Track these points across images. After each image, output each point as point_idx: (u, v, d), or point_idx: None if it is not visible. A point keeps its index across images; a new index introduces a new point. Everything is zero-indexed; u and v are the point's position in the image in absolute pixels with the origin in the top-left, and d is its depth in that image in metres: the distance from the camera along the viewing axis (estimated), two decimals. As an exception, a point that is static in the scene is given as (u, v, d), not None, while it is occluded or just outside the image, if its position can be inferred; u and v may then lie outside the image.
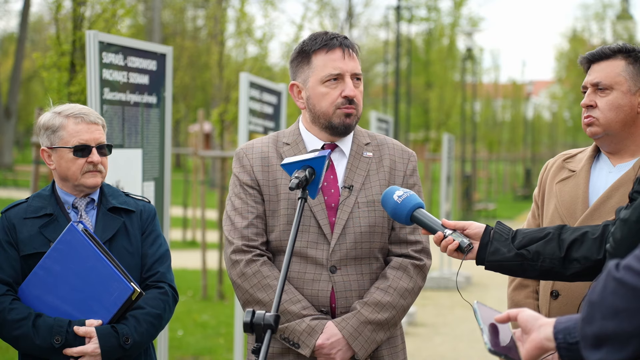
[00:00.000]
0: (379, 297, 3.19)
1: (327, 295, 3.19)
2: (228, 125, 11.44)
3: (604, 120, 3.18)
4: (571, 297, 3.19)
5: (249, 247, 3.20)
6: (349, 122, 3.22)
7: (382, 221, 3.23)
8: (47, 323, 3.17)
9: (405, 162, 3.32)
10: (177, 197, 20.28)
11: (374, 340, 3.19)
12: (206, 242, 11.75)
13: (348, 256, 3.20)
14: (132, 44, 4.82)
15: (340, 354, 3.15)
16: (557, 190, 3.31)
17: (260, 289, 3.17)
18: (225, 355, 8.14)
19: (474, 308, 2.30)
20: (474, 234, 2.88)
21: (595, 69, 3.21)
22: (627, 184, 3.14)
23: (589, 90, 3.22)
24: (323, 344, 3.13)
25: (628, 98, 3.16)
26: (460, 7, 31.39)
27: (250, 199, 3.25)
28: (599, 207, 3.16)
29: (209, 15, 14.45)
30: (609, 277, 1.81)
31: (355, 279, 3.21)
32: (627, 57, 3.18)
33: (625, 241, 2.56)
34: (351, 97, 3.20)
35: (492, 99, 40.85)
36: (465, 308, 11.18)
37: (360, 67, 3.29)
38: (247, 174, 3.27)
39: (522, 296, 3.40)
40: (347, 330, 3.15)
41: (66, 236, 3.18)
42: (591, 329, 1.82)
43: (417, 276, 3.27)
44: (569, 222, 3.20)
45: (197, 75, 31.80)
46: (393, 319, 3.22)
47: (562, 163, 3.39)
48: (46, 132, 3.32)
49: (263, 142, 3.34)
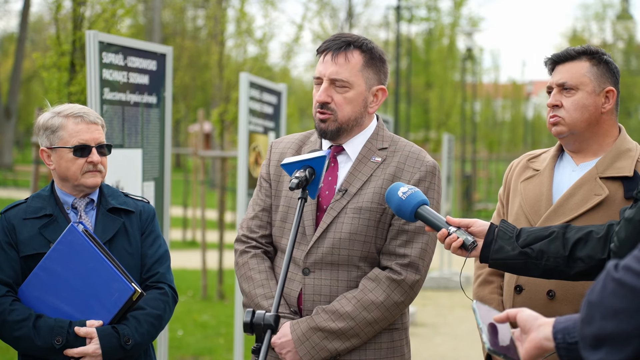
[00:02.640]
0: (338, 306, 3.11)
1: (296, 296, 3.17)
2: (228, 125, 11.44)
3: (570, 120, 3.23)
4: (534, 291, 3.22)
5: (248, 238, 3.27)
6: (323, 127, 3.17)
7: (365, 229, 3.13)
8: (48, 324, 3.16)
9: (412, 172, 3.18)
10: (177, 197, 20.28)
11: (324, 348, 3.10)
12: (206, 242, 11.75)
13: (323, 260, 3.14)
14: (132, 44, 4.81)
15: (290, 355, 3.13)
16: (521, 188, 3.36)
17: (245, 279, 3.23)
18: (225, 355, 8.14)
19: (473, 308, 2.30)
20: (478, 232, 2.88)
21: (560, 69, 3.27)
22: (589, 182, 3.19)
23: (554, 90, 3.28)
24: (275, 342, 3.13)
25: (593, 98, 3.22)
26: (460, 7, 31.43)
27: (263, 191, 3.32)
28: (562, 204, 3.21)
29: (209, 15, 14.44)
30: (608, 278, 1.81)
31: (327, 284, 3.15)
32: (591, 59, 3.24)
33: (629, 240, 2.57)
34: (319, 101, 3.15)
35: (492, 99, 40.85)
36: (465, 308, 11.18)
37: (351, 73, 3.13)
38: (265, 167, 3.34)
39: (486, 292, 3.43)
40: (296, 334, 3.12)
41: (66, 237, 3.18)
42: (590, 329, 1.82)
43: (392, 291, 3.11)
44: (533, 219, 3.25)
45: (197, 75, 31.79)
46: (351, 330, 3.10)
47: (526, 163, 3.44)
48: (45, 132, 3.32)
49: (291, 139, 3.36)
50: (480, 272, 3.48)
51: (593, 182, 3.18)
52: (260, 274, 3.21)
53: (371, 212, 3.14)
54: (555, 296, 3.17)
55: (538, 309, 3.12)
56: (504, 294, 3.37)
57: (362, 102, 3.19)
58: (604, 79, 3.24)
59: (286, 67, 20.52)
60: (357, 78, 3.15)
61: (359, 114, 3.19)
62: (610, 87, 3.24)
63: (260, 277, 3.21)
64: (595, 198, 3.15)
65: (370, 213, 3.14)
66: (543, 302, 3.19)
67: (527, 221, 3.27)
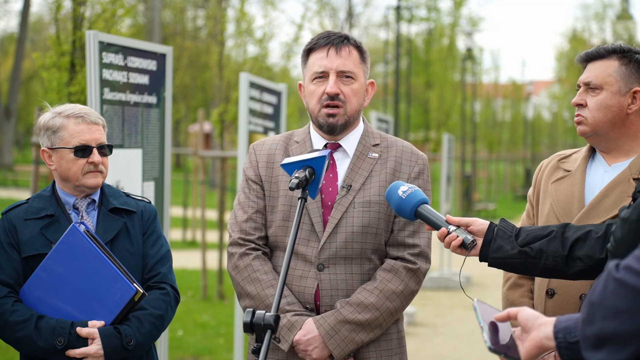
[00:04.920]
0: (361, 298, 3.17)
1: (312, 293, 3.20)
2: (228, 125, 11.44)
3: (592, 120, 3.19)
4: (567, 295, 3.19)
5: (245, 240, 3.27)
6: (332, 122, 3.21)
7: (376, 222, 3.21)
8: (50, 324, 3.16)
9: (411, 165, 3.28)
10: (177, 197, 20.28)
11: (352, 341, 3.16)
12: (206, 242, 11.75)
13: (337, 255, 3.19)
14: (132, 44, 4.81)
15: (317, 351, 3.15)
16: (552, 190, 3.32)
17: (249, 282, 3.22)
18: (225, 355, 8.14)
19: (474, 306, 2.30)
20: (478, 231, 2.88)
21: (589, 68, 3.23)
22: (623, 183, 3.15)
23: (581, 89, 3.24)
24: (299, 340, 3.15)
25: (617, 99, 3.16)
26: (460, 7, 31.42)
27: (253, 193, 3.31)
28: (595, 206, 3.17)
29: (209, 15, 14.45)
30: (609, 278, 1.81)
31: (343, 279, 3.20)
32: (621, 58, 3.18)
33: (625, 240, 2.57)
34: (331, 93, 3.17)
35: (492, 99, 40.86)
36: (465, 308, 11.18)
37: (354, 65, 3.22)
38: (252, 170, 3.33)
39: (517, 295, 3.40)
40: (323, 328, 3.14)
41: (68, 237, 3.17)
42: (592, 329, 1.82)
43: (410, 279, 3.21)
44: (565, 221, 3.20)
45: (197, 75, 31.78)
46: (376, 321, 3.18)
47: (557, 163, 3.39)
48: (46, 133, 3.32)
49: (274, 140, 3.38)
50: (509, 275, 3.43)
51: (627, 184, 3.13)
52: (266, 274, 3.22)
53: (380, 204, 3.21)
54: None
55: (570, 313, 3.10)
56: (535, 298, 3.34)
57: (363, 95, 3.28)
58: (632, 79, 3.16)
59: (286, 67, 20.48)
60: (359, 70, 3.25)
61: (361, 107, 3.28)
62: (637, 88, 3.17)
63: (267, 278, 3.22)
64: (629, 200, 3.08)
65: (379, 206, 3.21)
66: (576, 306, 3.15)
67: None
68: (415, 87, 35.44)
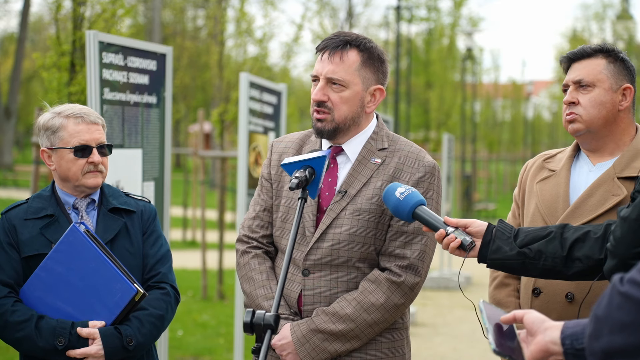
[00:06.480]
0: (338, 308, 3.10)
1: (296, 297, 3.17)
2: (228, 125, 11.44)
3: (587, 117, 3.20)
4: (553, 294, 3.20)
5: (249, 238, 3.27)
6: (319, 126, 3.15)
7: (364, 231, 3.12)
8: (50, 325, 3.16)
9: (411, 172, 3.16)
10: (177, 197, 20.28)
11: (324, 350, 3.09)
12: (206, 242, 11.75)
13: (323, 262, 3.14)
14: (132, 44, 4.81)
15: (291, 357, 3.12)
16: (537, 189, 3.33)
17: (245, 280, 3.23)
18: (225, 355, 8.14)
19: (480, 307, 2.28)
20: (476, 232, 2.87)
21: (576, 67, 3.25)
22: (607, 182, 3.16)
23: (570, 87, 3.25)
24: (275, 344, 3.13)
25: (610, 95, 3.19)
26: (460, 7, 31.42)
27: (264, 191, 3.31)
28: (579, 205, 3.18)
29: (209, 15, 14.44)
30: (614, 292, 1.79)
31: (327, 285, 3.14)
32: (607, 57, 3.21)
33: (625, 239, 2.57)
34: (315, 100, 3.13)
35: (492, 99, 40.85)
36: (465, 308, 11.17)
37: (347, 72, 3.11)
38: (266, 167, 3.33)
39: (503, 295, 3.40)
40: (295, 335, 3.11)
41: (68, 237, 3.17)
42: (599, 344, 1.81)
43: (392, 293, 3.10)
44: (550, 220, 3.23)
45: (197, 75, 31.76)
46: (351, 332, 3.09)
47: (542, 163, 3.40)
48: (46, 133, 3.31)
49: (292, 138, 3.34)
50: (496, 275, 3.44)
51: (611, 183, 3.15)
52: (261, 274, 3.21)
53: (370, 213, 3.12)
54: (574, 299, 3.14)
55: (556, 312, 3.12)
56: (521, 297, 3.34)
57: (359, 101, 3.16)
58: (621, 77, 3.20)
59: (286, 67, 20.49)
60: (353, 77, 3.13)
61: (356, 114, 3.16)
62: (627, 85, 3.21)
63: (261, 278, 3.20)
64: (613, 199, 3.12)
65: (369, 214, 3.12)
66: (562, 305, 3.17)
67: (544, 222, 3.23)
68: (415, 87, 35.41)
